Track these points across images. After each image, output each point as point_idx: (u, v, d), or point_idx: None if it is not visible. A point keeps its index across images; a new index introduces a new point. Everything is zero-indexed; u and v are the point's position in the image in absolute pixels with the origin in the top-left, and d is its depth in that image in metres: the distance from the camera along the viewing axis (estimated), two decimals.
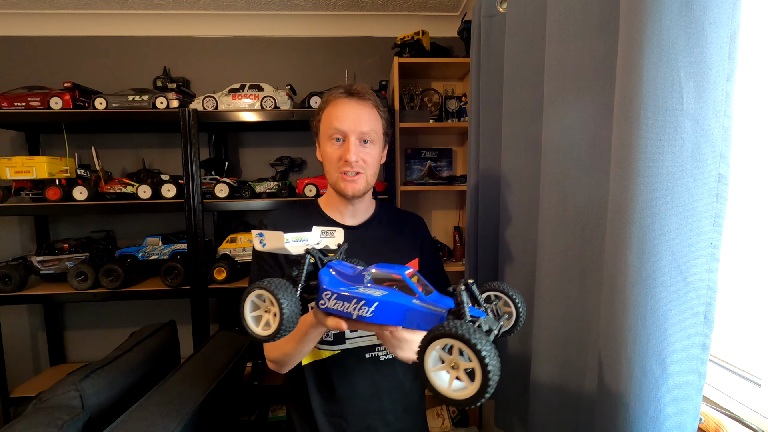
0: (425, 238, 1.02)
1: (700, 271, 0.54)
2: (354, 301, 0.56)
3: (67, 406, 0.94)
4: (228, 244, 1.86)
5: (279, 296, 0.53)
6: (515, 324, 0.61)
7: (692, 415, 0.57)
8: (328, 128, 0.87)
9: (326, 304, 0.59)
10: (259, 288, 0.56)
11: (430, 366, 0.46)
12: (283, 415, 1.90)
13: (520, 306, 0.60)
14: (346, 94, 0.87)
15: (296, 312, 0.55)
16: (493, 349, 0.42)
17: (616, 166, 0.61)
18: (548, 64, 0.82)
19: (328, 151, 0.88)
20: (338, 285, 0.59)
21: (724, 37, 0.50)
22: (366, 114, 0.87)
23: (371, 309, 0.55)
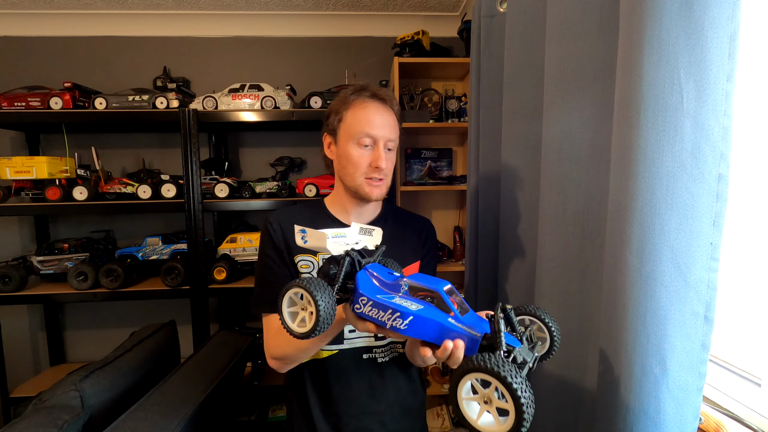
0: (430, 242, 1.00)
1: (700, 271, 0.54)
2: (389, 311, 0.56)
3: (67, 406, 0.94)
4: (228, 244, 1.86)
5: (317, 296, 0.53)
6: (549, 350, 0.59)
7: (692, 415, 0.57)
8: (356, 131, 0.85)
9: (361, 309, 0.59)
10: (298, 286, 0.56)
11: (463, 395, 0.46)
12: (283, 415, 1.90)
13: (555, 333, 0.58)
14: (372, 97, 0.87)
15: (332, 312, 0.55)
16: (528, 389, 0.42)
17: (616, 166, 0.61)
18: (548, 65, 0.82)
19: (353, 155, 0.85)
20: (375, 292, 0.59)
21: (724, 37, 0.50)
22: (392, 121, 0.88)
23: (406, 322, 0.54)
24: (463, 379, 0.45)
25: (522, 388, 0.41)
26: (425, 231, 1.00)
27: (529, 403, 0.41)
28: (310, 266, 0.89)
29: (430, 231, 1.01)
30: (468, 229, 1.35)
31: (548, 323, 0.58)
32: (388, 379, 0.93)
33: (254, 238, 1.87)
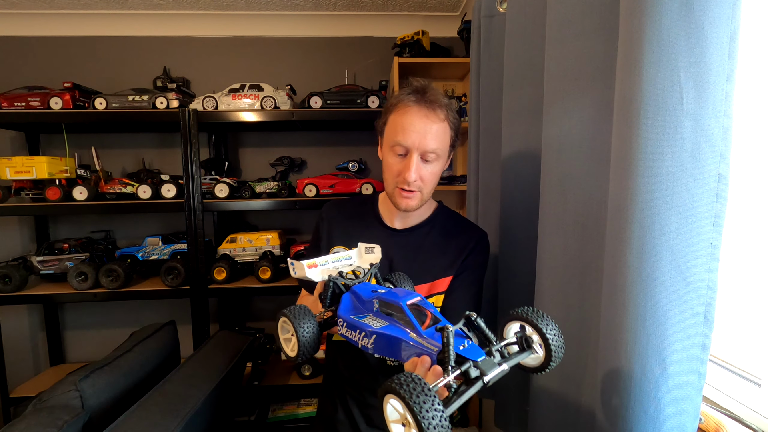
0: (473, 256, 0.91)
1: (700, 271, 0.54)
2: (358, 330, 0.57)
3: (67, 406, 0.94)
4: (228, 244, 1.86)
5: (294, 325, 0.56)
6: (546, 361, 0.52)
7: (692, 415, 0.57)
8: (391, 138, 0.81)
9: (341, 330, 0.61)
10: (282, 315, 0.59)
11: (388, 416, 0.43)
12: (283, 415, 1.91)
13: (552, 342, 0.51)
14: (417, 101, 0.80)
15: (313, 337, 0.57)
16: (440, 420, 0.38)
17: (616, 166, 0.61)
18: (548, 64, 0.82)
19: (388, 162, 0.84)
20: (350, 312, 0.60)
21: (724, 37, 0.50)
22: (434, 129, 0.79)
23: (371, 340, 0.55)
24: (384, 400, 0.42)
25: (423, 409, 0.37)
26: (472, 244, 0.91)
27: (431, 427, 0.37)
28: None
29: (477, 246, 0.92)
30: None
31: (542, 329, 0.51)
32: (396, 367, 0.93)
33: (254, 238, 1.87)
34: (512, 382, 1.09)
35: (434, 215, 0.95)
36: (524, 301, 1.02)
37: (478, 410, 1.95)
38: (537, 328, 0.52)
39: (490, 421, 1.68)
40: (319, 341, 0.59)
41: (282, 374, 1.93)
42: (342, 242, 0.93)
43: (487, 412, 1.82)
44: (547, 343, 0.51)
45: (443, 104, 0.81)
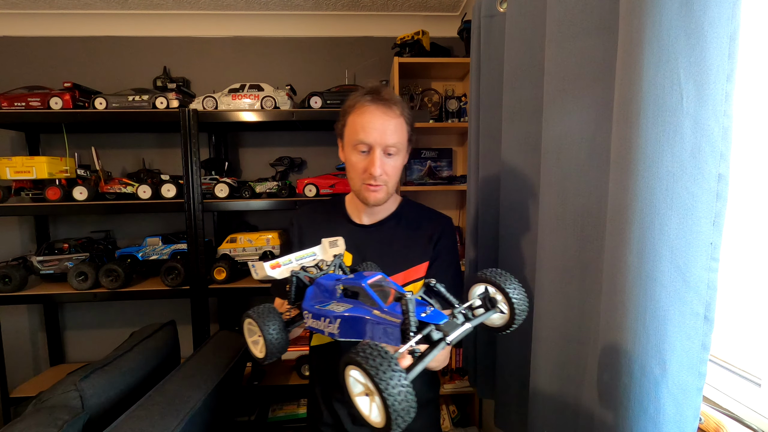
0: (443, 241, 0.98)
1: (700, 271, 0.54)
2: (323, 318, 0.56)
3: (67, 406, 0.94)
4: (228, 244, 1.86)
5: (260, 325, 0.56)
6: (510, 321, 0.54)
7: (692, 415, 0.57)
8: (353, 137, 0.87)
9: (307, 323, 0.60)
10: (247, 317, 0.59)
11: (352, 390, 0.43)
12: (283, 415, 1.91)
13: (515, 300, 0.54)
14: (372, 100, 0.85)
15: (280, 336, 0.56)
16: (401, 383, 0.38)
17: (616, 166, 0.61)
18: (548, 64, 0.82)
19: (352, 160, 0.88)
20: (314, 303, 0.59)
21: (724, 37, 0.50)
22: (392, 125, 0.85)
23: (336, 325, 0.54)
24: (345, 374, 0.43)
25: (384, 374, 0.37)
26: (439, 230, 0.98)
27: (393, 393, 0.37)
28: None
29: (444, 230, 0.99)
30: (468, 229, 1.35)
31: (506, 290, 0.53)
32: None
33: (254, 238, 1.87)
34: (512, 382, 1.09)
35: (400, 208, 1.00)
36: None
37: (478, 410, 1.95)
38: (500, 288, 0.54)
39: (490, 421, 1.68)
40: (288, 340, 0.58)
41: (282, 374, 1.93)
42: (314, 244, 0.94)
43: (487, 412, 1.82)
44: (510, 302, 0.54)
45: (397, 101, 0.87)
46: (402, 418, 0.38)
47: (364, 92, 0.87)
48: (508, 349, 1.10)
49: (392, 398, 0.37)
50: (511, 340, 1.08)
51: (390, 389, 0.37)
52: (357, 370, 0.40)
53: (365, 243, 0.93)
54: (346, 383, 0.43)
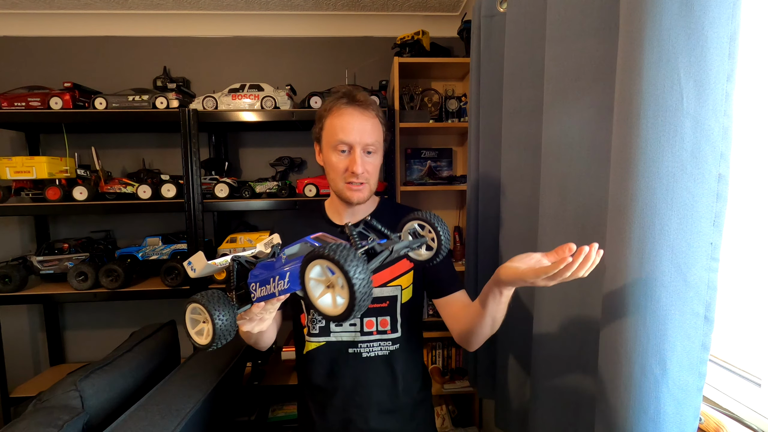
0: None
1: (700, 271, 0.54)
2: (271, 279, 0.59)
3: (67, 406, 0.94)
4: (228, 244, 1.86)
5: (210, 309, 0.57)
6: (437, 251, 0.64)
7: (692, 415, 0.57)
8: (332, 138, 0.89)
9: (255, 294, 0.62)
10: (194, 302, 0.59)
11: (310, 275, 0.48)
12: (283, 415, 1.91)
13: (441, 233, 0.63)
14: (348, 102, 0.89)
15: (230, 322, 0.58)
16: (363, 272, 0.44)
17: (616, 166, 0.61)
18: (548, 65, 0.82)
19: (333, 161, 0.90)
20: (259, 275, 0.62)
21: (724, 37, 0.50)
22: (369, 125, 0.89)
23: (286, 281, 0.57)
24: (311, 263, 0.48)
25: (358, 276, 0.43)
26: None
27: (361, 290, 0.43)
28: None
29: None
30: (468, 229, 1.35)
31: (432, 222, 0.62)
32: (374, 374, 0.95)
33: (254, 238, 1.87)
34: (512, 382, 1.09)
35: (379, 208, 1.01)
36: (524, 301, 1.02)
37: (478, 410, 1.95)
38: (429, 222, 0.63)
39: (490, 421, 1.68)
40: (236, 325, 0.59)
41: (282, 374, 1.93)
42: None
43: (487, 412, 1.82)
44: (437, 234, 0.63)
45: (372, 103, 0.91)
46: (364, 301, 0.44)
47: (338, 96, 0.90)
48: (508, 349, 1.10)
49: (358, 281, 0.43)
50: (511, 340, 1.08)
51: (357, 274, 0.43)
52: (324, 263, 0.46)
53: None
54: (306, 285, 0.49)
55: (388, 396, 0.96)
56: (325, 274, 0.48)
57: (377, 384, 0.95)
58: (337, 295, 0.47)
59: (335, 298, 0.48)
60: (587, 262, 0.55)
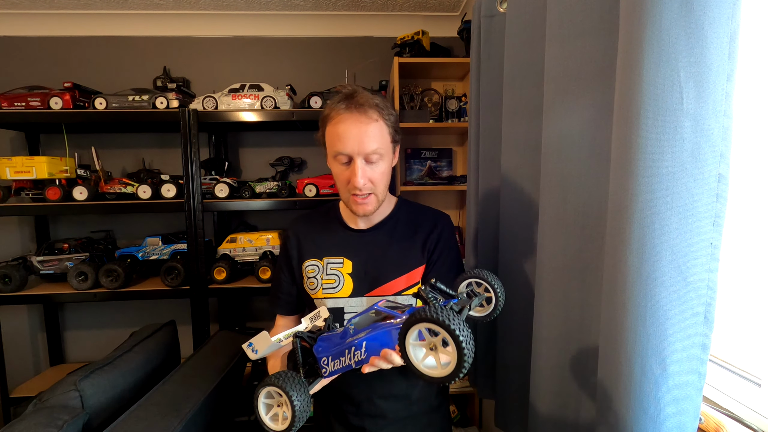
0: (440, 238, 0.95)
1: (700, 271, 0.54)
2: (346, 351, 0.59)
3: (67, 406, 0.94)
4: (228, 244, 1.86)
5: (288, 391, 0.55)
6: (495, 307, 0.66)
7: (692, 415, 0.57)
8: (332, 149, 0.83)
9: (327, 369, 0.62)
10: (269, 385, 0.58)
11: (410, 341, 0.49)
12: None
13: (498, 289, 0.65)
14: (347, 107, 0.80)
15: (306, 402, 0.57)
16: (467, 330, 0.45)
17: (616, 166, 0.61)
18: (548, 64, 0.82)
19: (335, 172, 0.85)
20: (330, 348, 0.62)
21: (724, 37, 0.50)
22: (370, 131, 0.80)
23: (363, 350, 0.58)
24: (412, 329, 0.48)
25: (457, 325, 0.44)
26: (438, 230, 0.95)
27: (469, 348, 0.44)
28: (316, 270, 0.92)
29: (444, 229, 0.96)
30: (468, 229, 1.35)
31: (491, 282, 0.65)
32: (389, 385, 0.93)
33: (254, 238, 1.87)
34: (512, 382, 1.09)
35: (396, 209, 0.96)
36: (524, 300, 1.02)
37: (478, 410, 1.95)
38: (488, 282, 0.66)
39: (490, 421, 1.68)
40: (311, 406, 0.58)
41: None
42: (312, 255, 0.93)
43: (487, 412, 1.82)
44: (495, 293, 0.65)
45: (373, 104, 0.81)
46: (470, 357, 0.44)
47: (339, 99, 0.82)
48: (508, 349, 1.10)
49: (464, 338, 0.43)
50: (511, 340, 1.08)
51: (462, 331, 0.44)
52: (426, 325, 0.46)
53: (363, 248, 0.92)
54: (408, 351, 0.49)
55: (403, 405, 0.94)
56: (426, 337, 0.48)
57: (392, 394, 0.93)
58: (441, 356, 0.48)
59: (439, 359, 0.48)
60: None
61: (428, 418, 0.99)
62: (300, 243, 0.95)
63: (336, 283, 0.90)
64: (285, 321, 1.00)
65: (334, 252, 0.92)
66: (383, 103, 0.84)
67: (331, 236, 0.94)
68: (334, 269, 0.90)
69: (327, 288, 0.90)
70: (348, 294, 0.89)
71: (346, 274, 0.90)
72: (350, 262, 0.90)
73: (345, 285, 0.89)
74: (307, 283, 0.92)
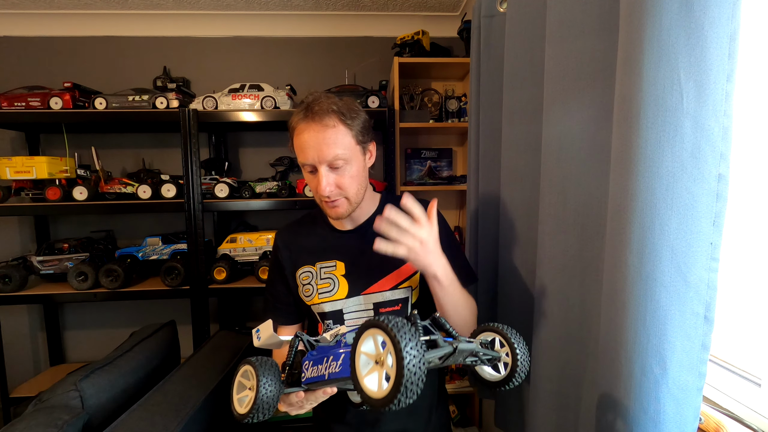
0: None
1: (700, 271, 0.54)
2: (325, 359, 0.57)
3: (67, 406, 0.94)
4: (228, 244, 1.86)
5: (260, 375, 0.55)
6: (510, 374, 0.53)
7: (692, 415, 0.57)
8: (299, 159, 0.84)
9: (305, 374, 0.61)
10: (249, 363, 0.58)
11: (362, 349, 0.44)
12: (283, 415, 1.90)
13: (519, 353, 0.53)
14: (305, 117, 0.82)
15: (273, 396, 0.56)
16: (419, 363, 0.38)
17: (616, 166, 0.61)
18: (548, 64, 0.82)
19: (306, 180, 0.87)
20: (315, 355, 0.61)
21: (724, 37, 0.50)
22: (329, 138, 0.80)
23: (339, 363, 0.55)
24: (366, 333, 0.44)
25: (411, 355, 0.38)
26: None
27: (410, 371, 0.37)
28: (310, 276, 0.92)
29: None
30: (468, 229, 1.35)
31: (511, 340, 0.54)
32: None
33: (254, 238, 1.87)
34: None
35: (381, 206, 0.96)
36: (524, 301, 1.02)
37: (478, 410, 1.95)
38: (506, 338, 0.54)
39: (490, 421, 1.68)
40: (277, 401, 0.57)
41: None
42: (305, 262, 0.93)
43: (487, 412, 1.82)
44: (514, 355, 0.53)
45: (331, 111, 0.81)
46: (412, 385, 0.38)
47: (300, 108, 0.84)
48: None
49: (408, 356, 0.37)
50: None
51: (408, 349, 0.37)
52: (378, 333, 0.41)
53: (352, 248, 0.92)
54: (356, 360, 0.44)
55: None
56: (377, 349, 0.43)
57: None
58: (384, 375, 0.41)
59: (381, 379, 0.42)
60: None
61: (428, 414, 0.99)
62: (291, 252, 0.95)
63: (331, 286, 0.90)
64: (289, 330, 1.00)
65: (326, 256, 0.92)
66: (345, 106, 0.84)
67: (320, 241, 0.95)
68: (327, 273, 0.91)
69: (323, 292, 0.90)
70: (344, 295, 0.89)
71: (340, 275, 0.90)
72: (342, 264, 0.91)
73: (340, 287, 0.90)
74: (303, 291, 0.92)
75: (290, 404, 0.65)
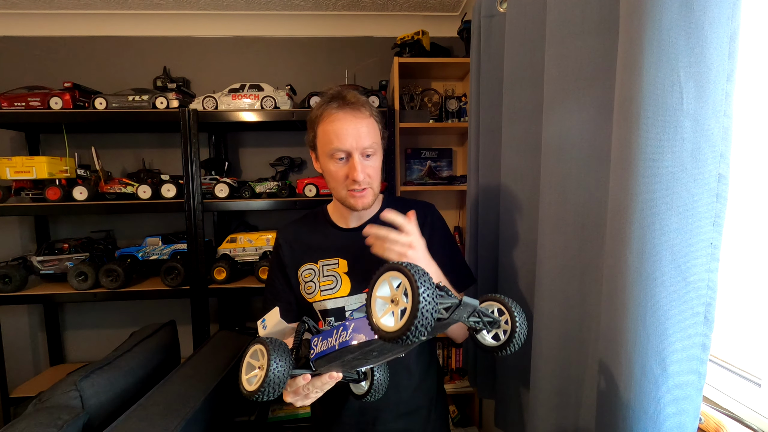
0: (433, 227, 0.97)
1: (700, 271, 0.54)
2: (335, 332, 0.59)
3: (67, 406, 0.94)
4: (228, 244, 1.86)
5: (271, 355, 0.56)
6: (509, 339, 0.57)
7: (692, 415, 0.57)
8: (328, 147, 0.85)
9: (314, 350, 0.62)
10: (260, 342, 0.59)
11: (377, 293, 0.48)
12: (283, 415, 1.91)
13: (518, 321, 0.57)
14: (340, 106, 0.84)
15: (282, 375, 0.57)
16: (432, 295, 0.42)
17: (616, 166, 0.61)
18: (548, 65, 0.82)
19: (332, 170, 0.86)
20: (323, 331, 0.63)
21: (724, 37, 0.50)
22: (365, 127, 0.84)
23: (349, 331, 0.57)
24: (383, 276, 0.47)
25: (425, 292, 0.42)
26: (428, 221, 0.96)
27: (425, 309, 0.41)
28: (312, 273, 0.92)
29: (433, 219, 0.98)
30: (468, 229, 1.36)
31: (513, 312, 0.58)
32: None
33: (254, 238, 1.87)
34: (512, 382, 1.09)
35: (384, 205, 0.98)
36: (524, 301, 1.02)
37: (478, 410, 1.95)
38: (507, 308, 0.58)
39: (490, 421, 1.68)
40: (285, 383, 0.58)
41: None
42: (307, 259, 0.93)
43: (487, 412, 1.82)
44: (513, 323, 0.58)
45: (364, 102, 0.86)
46: (423, 323, 0.41)
47: (328, 99, 0.86)
48: None
49: (425, 300, 0.41)
50: None
51: (425, 292, 0.42)
52: (398, 276, 0.45)
53: (356, 246, 0.91)
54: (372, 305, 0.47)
55: (404, 397, 0.95)
56: (392, 291, 0.46)
57: (393, 385, 0.93)
58: (399, 311, 0.45)
59: (397, 315, 0.45)
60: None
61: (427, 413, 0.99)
62: (293, 250, 0.96)
63: (333, 283, 0.90)
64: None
65: (329, 253, 0.92)
66: (370, 101, 0.90)
67: (323, 239, 0.95)
68: (330, 270, 0.91)
69: (325, 290, 0.90)
70: (347, 293, 0.90)
71: (343, 273, 0.91)
72: (345, 261, 0.91)
73: (343, 284, 0.90)
74: (305, 288, 0.92)
75: (296, 392, 0.65)
